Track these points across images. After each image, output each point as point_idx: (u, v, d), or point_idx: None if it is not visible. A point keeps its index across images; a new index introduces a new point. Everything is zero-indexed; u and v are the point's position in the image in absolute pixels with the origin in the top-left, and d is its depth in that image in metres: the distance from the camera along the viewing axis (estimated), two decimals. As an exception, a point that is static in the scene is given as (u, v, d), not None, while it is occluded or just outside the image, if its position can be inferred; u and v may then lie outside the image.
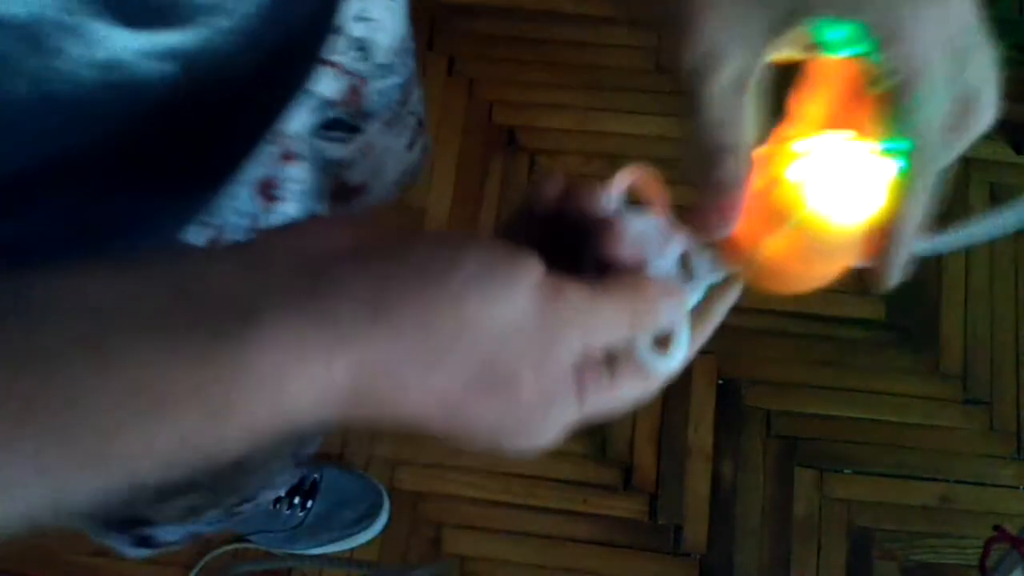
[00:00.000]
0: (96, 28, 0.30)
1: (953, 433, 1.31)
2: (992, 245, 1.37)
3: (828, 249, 0.33)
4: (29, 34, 0.29)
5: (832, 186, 0.32)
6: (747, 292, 0.35)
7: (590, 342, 0.30)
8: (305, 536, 1.21)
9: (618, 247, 0.33)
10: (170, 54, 0.33)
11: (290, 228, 0.33)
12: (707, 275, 0.35)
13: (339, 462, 1.27)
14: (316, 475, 1.22)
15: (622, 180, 0.34)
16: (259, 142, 0.48)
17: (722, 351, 1.31)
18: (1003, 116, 0.32)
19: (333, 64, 0.54)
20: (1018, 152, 1.39)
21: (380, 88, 0.60)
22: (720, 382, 1.31)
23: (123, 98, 0.33)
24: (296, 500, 1.20)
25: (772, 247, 0.33)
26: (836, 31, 0.31)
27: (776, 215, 0.33)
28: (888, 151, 0.32)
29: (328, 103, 0.56)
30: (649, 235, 0.34)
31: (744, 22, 0.31)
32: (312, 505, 1.21)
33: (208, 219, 0.48)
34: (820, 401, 1.31)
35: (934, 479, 1.29)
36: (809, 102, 0.34)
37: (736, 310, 0.35)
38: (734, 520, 1.27)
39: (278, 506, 1.19)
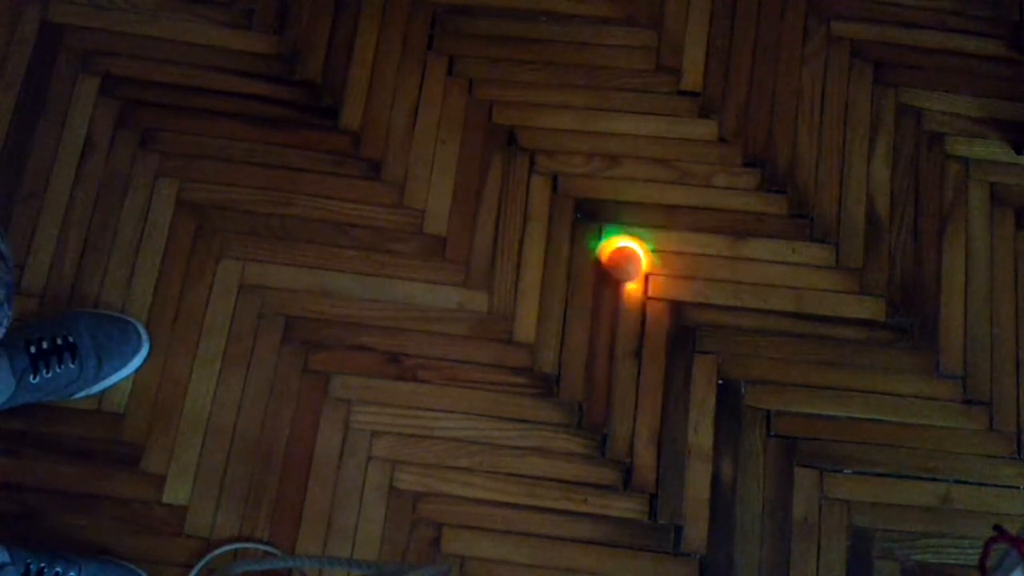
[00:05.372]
0: None
1: (953, 433, 1.31)
2: (992, 244, 1.38)
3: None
4: None
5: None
6: (748, 293, 0.35)
7: None
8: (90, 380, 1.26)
9: None
10: None
11: None
12: None
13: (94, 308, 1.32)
14: (67, 334, 1.24)
15: None
16: None
17: (722, 351, 1.31)
18: (1003, 116, 0.32)
19: None
20: (1018, 152, 1.39)
21: None
22: (720, 382, 1.31)
23: None
24: (59, 359, 1.22)
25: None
26: None
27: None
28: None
29: None
30: None
31: None
32: (80, 358, 1.24)
33: None
34: (820, 401, 1.31)
35: (934, 479, 1.29)
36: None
37: (736, 310, 0.36)
38: (734, 520, 1.27)
39: (46, 371, 1.20)
